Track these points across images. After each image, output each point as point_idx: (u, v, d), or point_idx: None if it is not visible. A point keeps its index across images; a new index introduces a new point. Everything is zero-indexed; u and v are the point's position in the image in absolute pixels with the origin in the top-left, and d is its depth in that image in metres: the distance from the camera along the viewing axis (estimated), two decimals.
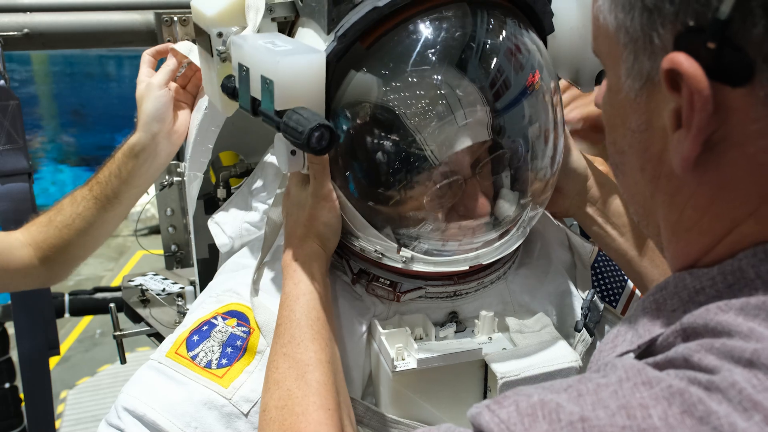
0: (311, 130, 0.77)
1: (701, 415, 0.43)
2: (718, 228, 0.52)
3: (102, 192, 1.22)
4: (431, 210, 0.91)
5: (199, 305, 1.07)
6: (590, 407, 0.46)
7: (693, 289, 0.53)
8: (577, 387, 0.48)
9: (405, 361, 0.93)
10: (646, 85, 0.53)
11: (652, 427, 0.44)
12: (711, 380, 0.45)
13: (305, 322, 0.88)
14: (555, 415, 0.46)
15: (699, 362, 0.46)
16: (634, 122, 0.55)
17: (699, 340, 0.48)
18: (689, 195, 0.53)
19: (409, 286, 0.99)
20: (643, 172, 0.57)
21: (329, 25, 0.85)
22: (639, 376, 0.47)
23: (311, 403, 0.81)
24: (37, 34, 1.67)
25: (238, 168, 1.33)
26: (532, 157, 0.95)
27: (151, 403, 0.92)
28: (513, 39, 0.91)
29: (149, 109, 1.16)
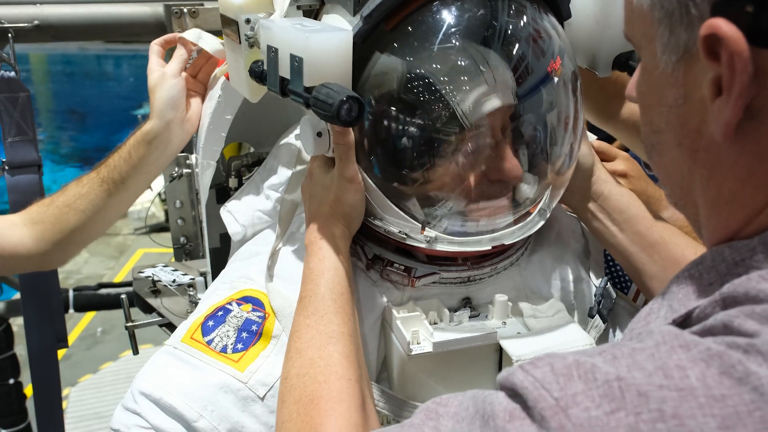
0: (341, 102, 0.79)
1: (740, 376, 0.44)
2: (758, 199, 0.53)
3: (109, 175, 1.21)
4: (464, 175, 0.91)
5: (213, 292, 1.08)
6: (626, 368, 0.46)
7: (732, 261, 0.53)
8: (611, 351, 0.49)
9: (420, 345, 0.94)
10: (683, 57, 0.53)
11: (689, 387, 0.44)
12: (751, 343, 0.45)
13: (329, 296, 0.89)
14: (591, 374, 0.47)
15: (739, 327, 0.47)
16: (671, 97, 0.56)
17: (739, 307, 0.48)
18: (729, 166, 0.54)
19: (423, 271, 1.00)
20: (681, 147, 0.57)
21: (355, 7, 0.87)
22: (676, 339, 0.47)
23: (333, 372, 0.82)
24: (47, 26, 1.68)
25: (249, 158, 1.34)
26: (553, 139, 0.96)
27: (167, 387, 0.93)
28: (534, 22, 0.93)
29: (164, 97, 1.17)
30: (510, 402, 0.50)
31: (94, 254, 6.83)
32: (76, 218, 1.22)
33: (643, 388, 0.45)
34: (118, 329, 5.05)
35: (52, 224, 1.21)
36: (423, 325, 0.96)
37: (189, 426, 0.91)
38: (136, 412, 0.93)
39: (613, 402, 0.45)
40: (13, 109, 1.63)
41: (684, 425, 0.43)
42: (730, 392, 0.43)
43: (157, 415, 0.92)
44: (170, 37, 1.25)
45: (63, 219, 1.21)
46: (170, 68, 1.18)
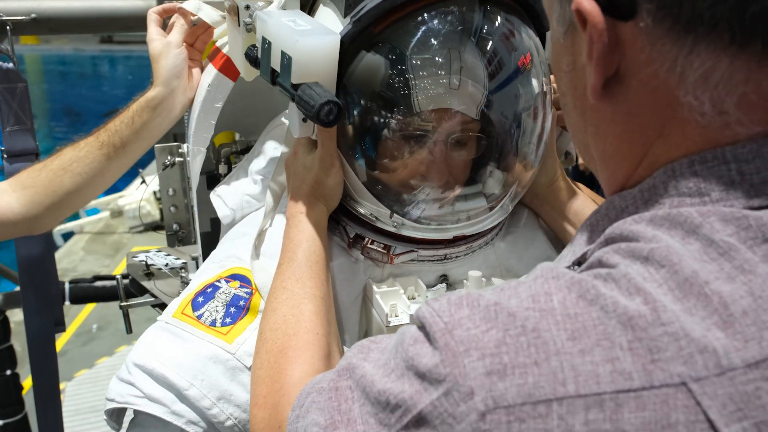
0: (321, 105, 0.86)
1: (592, 297, 0.51)
2: (635, 152, 0.59)
3: (109, 139, 1.23)
4: (413, 169, 0.99)
5: (203, 271, 1.13)
6: (506, 297, 0.54)
7: (619, 208, 0.60)
8: (501, 286, 0.57)
9: (398, 317, 0.99)
10: (569, 29, 0.60)
11: (550, 309, 0.52)
12: (609, 272, 0.53)
13: (305, 263, 0.96)
14: (476, 302, 0.55)
15: (606, 261, 0.54)
16: (565, 63, 0.63)
17: (613, 245, 0.56)
18: (608, 124, 0.60)
19: (401, 249, 1.06)
20: (575, 108, 0.64)
21: (346, 9, 0.93)
22: (550, 272, 0.55)
23: (302, 327, 0.90)
24: (45, 19, 1.72)
25: (238, 145, 1.39)
26: (519, 140, 1.03)
27: (160, 359, 0.98)
28: (510, 31, 0.99)
29: (169, 65, 1.20)
30: (416, 330, 0.58)
31: (89, 252, 6.86)
32: (72, 181, 1.22)
33: (513, 309, 0.53)
34: (113, 325, 5.08)
35: (44, 187, 1.21)
36: (401, 299, 1.02)
37: (180, 394, 0.96)
38: (130, 382, 0.98)
39: (489, 322, 0.53)
40: (11, 99, 1.68)
41: (540, 337, 0.51)
42: (582, 311, 0.51)
43: (150, 384, 0.97)
44: (169, 6, 1.28)
45: (57, 182, 1.22)
46: (173, 38, 1.22)
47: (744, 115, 0.53)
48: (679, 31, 0.52)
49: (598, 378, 0.49)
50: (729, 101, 0.53)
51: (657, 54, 0.53)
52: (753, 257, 0.50)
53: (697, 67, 0.52)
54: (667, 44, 0.53)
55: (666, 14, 0.51)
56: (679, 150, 0.56)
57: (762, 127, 0.53)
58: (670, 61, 0.53)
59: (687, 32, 0.51)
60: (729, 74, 0.52)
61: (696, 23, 0.51)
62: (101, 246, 7.00)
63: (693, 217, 0.53)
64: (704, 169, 0.54)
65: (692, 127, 0.55)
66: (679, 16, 0.51)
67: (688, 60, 0.52)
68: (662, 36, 0.52)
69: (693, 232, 0.52)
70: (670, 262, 0.51)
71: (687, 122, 0.55)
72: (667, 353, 0.48)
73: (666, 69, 0.53)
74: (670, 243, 0.52)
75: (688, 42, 0.52)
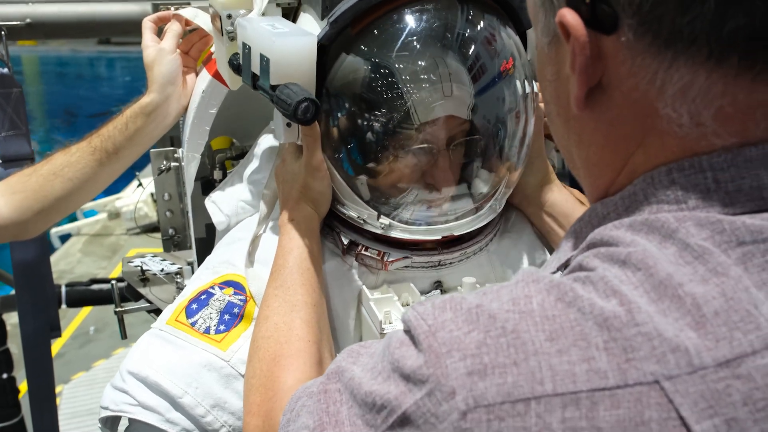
0: (297, 103, 0.86)
1: (570, 300, 0.53)
2: (616, 160, 0.61)
3: (102, 144, 1.22)
4: (405, 174, 0.99)
5: (197, 277, 1.13)
6: (488, 300, 0.56)
7: (601, 215, 0.62)
8: (484, 290, 0.59)
9: (392, 324, 0.99)
10: (553, 40, 0.62)
11: (529, 310, 0.54)
12: (587, 275, 0.55)
13: (297, 270, 0.97)
14: (458, 305, 0.57)
15: (586, 264, 0.56)
16: (549, 73, 0.65)
17: (594, 249, 0.58)
18: (590, 133, 0.62)
19: (395, 255, 1.06)
20: (559, 117, 0.66)
21: (323, 11, 0.93)
22: (531, 276, 0.57)
23: (294, 335, 0.91)
24: (39, 24, 1.72)
25: (233, 151, 1.39)
26: (504, 139, 1.03)
27: (153, 366, 0.98)
28: (490, 30, 0.99)
29: (163, 72, 1.21)
30: (402, 334, 0.60)
31: (86, 254, 6.85)
32: (63, 186, 1.21)
33: (494, 312, 0.54)
34: (110, 327, 5.07)
35: (33, 192, 1.20)
36: (395, 306, 1.02)
37: (174, 402, 0.96)
38: (124, 390, 0.98)
39: (471, 324, 0.54)
40: (6, 104, 1.67)
41: (519, 338, 0.52)
42: (560, 313, 0.53)
43: (144, 392, 0.97)
44: (163, 14, 1.29)
45: (47, 187, 1.21)
46: (167, 44, 1.22)
47: (720, 127, 0.55)
48: (659, 46, 0.53)
49: (574, 377, 0.50)
50: (706, 113, 0.55)
51: (638, 67, 0.55)
52: (726, 260, 0.52)
53: (676, 80, 0.54)
54: (647, 58, 0.54)
55: (646, 30, 0.53)
56: (657, 159, 0.58)
57: (737, 138, 0.55)
58: (650, 75, 0.55)
59: (667, 47, 0.53)
60: (706, 88, 0.53)
61: (675, 39, 0.52)
62: (98, 248, 7.00)
63: (669, 222, 0.55)
64: (681, 177, 0.56)
65: (670, 137, 0.57)
66: (659, 32, 0.53)
67: (668, 74, 0.54)
68: (643, 50, 0.54)
69: (669, 237, 0.54)
70: (646, 266, 0.53)
71: (666, 133, 0.57)
72: (640, 352, 0.49)
73: (646, 82, 0.55)
74: (646, 247, 0.54)
75: (668, 57, 0.53)
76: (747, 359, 0.49)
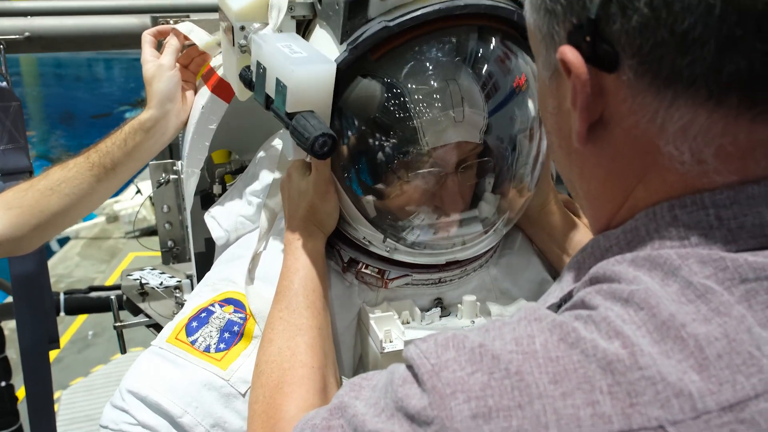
0: (315, 138, 0.84)
1: (573, 341, 0.53)
2: (617, 195, 0.62)
3: (100, 160, 1.22)
4: (414, 197, 0.98)
5: (196, 294, 1.13)
6: (491, 338, 0.56)
7: (604, 248, 0.62)
8: (486, 326, 0.59)
9: (392, 343, 0.99)
10: (554, 74, 0.62)
11: (532, 351, 0.53)
12: (590, 314, 0.55)
13: (302, 292, 0.96)
14: (461, 344, 0.56)
15: (588, 302, 0.56)
16: (550, 106, 0.65)
17: (596, 285, 0.58)
18: (592, 166, 0.63)
19: (396, 273, 1.06)
20: (561, 149, 0.66)
21: (343, 36, 0.91)
22: (533, 314, 0.57)
23: (297, 360, 0.90)
24: (38, 37, 1.72)
25: (232, 165, 1.39)
26: (513, 167, 1.02)
27: (153, 385, 0.98)
28: (508, 61, 0.98)
29: (162, 89, 1.20)
30: (405, 371, 0.60)
31: (85, 258, 6.84)
32: (59, 202, 1.21)
33: (497, 352, 0.54)
34: (108, 332, 5.07)
35: (30, 208, 1.19)
36: (395, 325, 1.02)
37: (174, 422, 0.96)
38: (123, 409, 0.98)
39: (474, 365, 0.54)
40: (5, 117, 1.67)
41: (523, 380, 0.52)
42: (563, 354, 0.53)
43: (144, 411, 0.97)
44: (163, 28, 1.28)
45: (44, 202, 1.20)
46: (165, 60, 1.22)
47: (721, 165, 0.55)
48: (659, 86, 0.54)
49: (579, 421, 0.50)
50: (707, 152, 0.55)
51: (638, 106, 0.56)
52: (729, 299, 0.52)
53: (676, 119, 0.54)
54: (648, 97, 0.55)
55: (647, 70, 0.54)
56: (659, 194, 0.58)
57: (738, 176, 0.55)
58: (651, 113, 0.55)
59: (667, 87, 0.54)
60: (707, 127, 0.54)
61: (675, 79, 0.53)
62: (97, 251, 6.99)
63: (672, 259, 0.55)
64: (684, 214, 0.56)
65: (672, 173, 0.57)
66: (659, 72, 0.53)
67: (668, 113, 0.54)
68: (643, 89, 0.55)
69: (672, 274, 0.54)
70: (648, 305, 0.52)
71: (667, 169, 0.57)
72: (645, 397, 0.49)
73: (647, 120, 0.56)
74: (649, 285, 0.54)
75: (668, 96, 0.54)
76: (750, 403, 0.49)
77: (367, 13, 0.90)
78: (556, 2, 0.58)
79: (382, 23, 0.89)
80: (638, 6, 0.52)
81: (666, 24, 0.51)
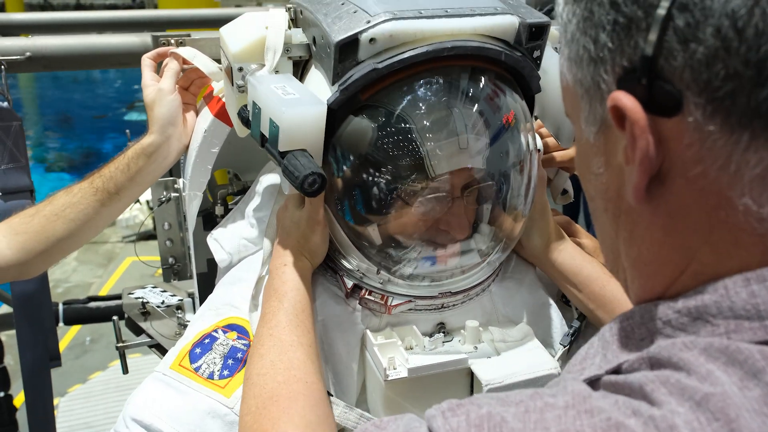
0: (305, 177, 0.87)
1: None
2: (676, 259, 0.54)
3: (104, 185, 1.22)
4: (407, 231, 0.99)
5: (199, 318, 1.13)
6: (532, 426, 0.49)
7: (660, 321, 0.54)
8: (526, 403, 0.52)
9: (396, 371, 1.00)
10: (601, 128, 0.56)
11: None
12: (652, 415, 0.47)
13: (292, 311, 0.98)
14: (498, 428, 0.50)
15: (650, 393, 0.49)
16: (595, 165, 0.59)
17: (658, 371, 0.50)
18: (646, 227, 0.56)
19: (399, 299, 1.06)
20: (606, 212, 0.60)
21: (334, 77, 0.94)
22: (584, 404, 0.50)
23: (292, 375, 0.90)
24: (39, 57, 1.72)
25: (234, 186, 1.39)
26: (507, 197, 1.04)
27: (157, 413, 0.98)
28: (497, 98, 1.00)
29: (163, 114, 1.21)
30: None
31: (82, 263, 6.82)
32: (65, 227, 1.21)
33: None
34: (106, 338, 5.05)
35: (36, 233, 1.21)
36: (399, 351, 1.02)
37: None
38: None
39: None
40: (6, 137, 1.67)
41: None
42: None
43: None
44: (162, 51, 1.28)
45: (50, 228, 1.21)
46: (165, 85, 1.22)
47: None
48: (733, 126, 0.48)
49: None
50: None
51: (708, 151, 0.49)
52: None
53: (754, 165, 0.48)
54: (719, 141, 0.48)
55: (717, 108, 0.48)
56: (731, 260, 0.51)
57: None
58: (723, 159, 0.49)
59: (742, 127, 0.47)
60: None
61: (752, 116, 0.47)
62: (94, 255, 6.97)
63: (755, 359, 0.47)
64: (762, 290, 0.49)
65: (747, 234, 0.50)
66: (732, 110, 0.47)
67: (744, 157, 0.48)
68: (714, 132, 0.48)
69: (753, 376, 0.47)
70: (726, 417, 0.45)
71: (741, 229, 0.50)
72: None
73: (718, 167, 0.49)
74: (727, 388, 0.47)
75: (744, 137, 0.48)
76: None
77: (357, 55, 0.92)
78: (602, 47, 0.53)
79: (371, 65, 0.92)
80: (703, 37, 0.47)
81: (738, 53, 0.46)
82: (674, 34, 0.48)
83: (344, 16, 0.93)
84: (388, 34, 0.91)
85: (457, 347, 1.07)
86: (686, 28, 0.47)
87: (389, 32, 0.91)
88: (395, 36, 0.92)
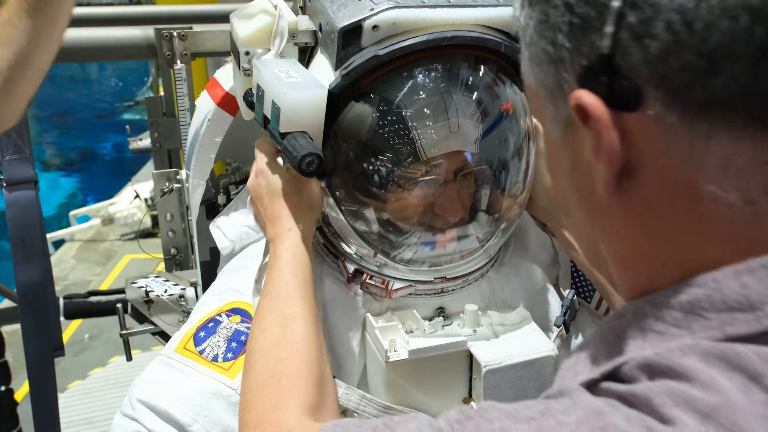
0: (303, 156, 0.90)
1: None
2: (654, 250, 0.55)
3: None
4: (414, 207, 1.01)
5: (204, 303, 1.15)
6: None
7: (653, 318, 0.54)
8: (539, 422, 0.51)
9: (397, 353, 1.02)
10: (567, 127, 0.57)
11: None
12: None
13: (293, 281, 0.96)
14: None
15: (659, 408, 0.48)
16: (565, 163, 0.59)
17: (661, 381, 0.50)
18: (621, 221, 0.56)
19: (399, 284, 1.08)
20: (581, 209, 0.60)
21: (337, 63, 0.97)
22: (598, 420, 0.49)
23: (294, 350, 0.89)
24: None
25: (237, 175, 1.41)
26: (505, 184, 1.05)
27: (163, 395, 1.00)
28: (496, 87, 1.02)
29: None
30: None
31: (80, 260, 6.82)
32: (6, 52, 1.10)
33: None
34: (106, 335, 5.06)
35: None
36: (399, 334, 1.04)
37: (184, 430, 0.98)
38: (133, 418, 1.00)
39: None
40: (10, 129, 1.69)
41: None
42: None
43: (154, 420, 0.99)
44: None
45: None
46: None
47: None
48: (692, 116, 0.49)
49: None
50: (755, 187, 0.49)
51: (670, 142, 0.50)
52: None
53: (715, 152, 0.49)
54: (680, 131, 0.49)
55: (676, 99, 0.49)
56: (710, 248, 0.52)
57: None
58: (686, 149, 0.50)
59: (701, 116, 0.48)
60: (752, 157, 0.48)
61: (710, 106, 0.48)
62: (92, 254, 6.97)
63: (754, 363, 0.47)
64: (753, 281, 0.50)
65: (718, 221, 0.51)
66: (690, 101, 0.48)
67: (706, 146, 0.49)
68: (674, 123, 0.49)
69: (755, 381, 0.47)
70: (736, 428, 0.45)
71: (711, 217, 0.51)
72: None
73: (682, 157, 0.50)
74: (732, 397, 0.47)
75: (704, 127, 0.49)
76: None
77: (360, 42, 0.95)
78: (560, 48, 0.54)
79: (372, 52, 0.94)
80: (656, 32, 0.48)
81: (690, 45, 0.47)
82: (628, 32, 0.49)
83: (349, 4, 0.96)
84: (390, 21, 0.93)
85: (457, 330, 1.09)
86: (638, 24, 0.48)
87: (392, 20, 0.93)
88: (398, 24, 0.94)
